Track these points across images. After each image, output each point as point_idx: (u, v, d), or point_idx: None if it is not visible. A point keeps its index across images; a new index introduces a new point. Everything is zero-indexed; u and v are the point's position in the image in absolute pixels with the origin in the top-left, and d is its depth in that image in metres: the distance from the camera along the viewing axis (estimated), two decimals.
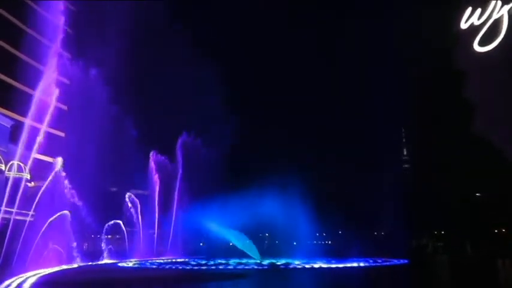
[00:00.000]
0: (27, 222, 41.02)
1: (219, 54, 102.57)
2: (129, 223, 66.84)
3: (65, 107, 68.27)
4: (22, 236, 39.00)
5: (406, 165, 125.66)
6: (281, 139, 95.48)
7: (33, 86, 75.18)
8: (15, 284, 25.93)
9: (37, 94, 44.27)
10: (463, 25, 62.45)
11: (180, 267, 46.67)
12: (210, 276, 36.71)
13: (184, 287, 29.22)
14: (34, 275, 32.06)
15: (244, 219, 63.56)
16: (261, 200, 63.83)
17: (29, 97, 74.12)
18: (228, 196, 65.09)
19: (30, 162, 43.82)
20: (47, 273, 35.03)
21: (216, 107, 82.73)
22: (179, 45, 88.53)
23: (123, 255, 62.07)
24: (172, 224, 73.25)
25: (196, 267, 46.39)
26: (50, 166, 47.12)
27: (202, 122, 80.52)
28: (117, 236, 64.97)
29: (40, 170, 50.87)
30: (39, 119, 44.14)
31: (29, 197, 43.61)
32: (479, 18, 55.97)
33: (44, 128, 42.64)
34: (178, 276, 36.93)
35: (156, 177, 72.16)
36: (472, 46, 63.17)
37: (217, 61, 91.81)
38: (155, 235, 72.00)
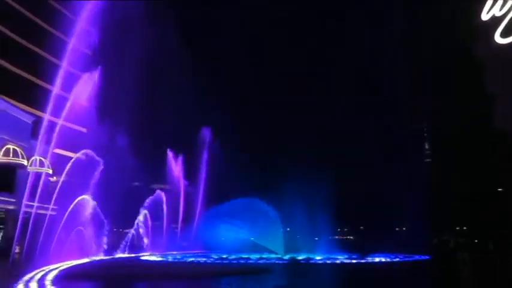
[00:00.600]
0: (50, 216, 41.39)
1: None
2: (152, 217, 67.30)
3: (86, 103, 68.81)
4: (44, 229, 39.34)
5: (428, 160, 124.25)
6: (302, 135, 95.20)
7: (53, 83, 76.41)
8: (38, 277, 26.05)
9: (72, 96, 44.49)
10: (484, 16, 61.46)
11: (202, 261, 46.77)
12: (234, 271, 36.54)
13: (208, 282, 28.98)
14: (57, 267, 32.24)
15: (265, 214, 63.52)
16: (282, 195, 63.89)
17: (50, 94, 75.35)
18: (250, 192, 65.20)
19: (49, 155, 44.02)
20: (69, 266, 35.22)
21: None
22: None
23: (146, 248, 62.48)
24: (196, 218, 73.62)
25: (218, 261, 46.44)
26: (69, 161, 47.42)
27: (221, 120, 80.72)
28: (140, 230, 65.29)
29: (62, 165, 51.21)
30: (60, 115, 44.37)
31: (51, 191, 43.96)
32: (501, 9, 54.92)
33: (60, 122, 42.72)
34: (201, 271, 36.85)
35: (179, 173, 72.68)
36: (494, 38, 62.18)
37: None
38: (178, 229, 72.51)
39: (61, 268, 32.51)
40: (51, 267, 32.16)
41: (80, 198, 43.09)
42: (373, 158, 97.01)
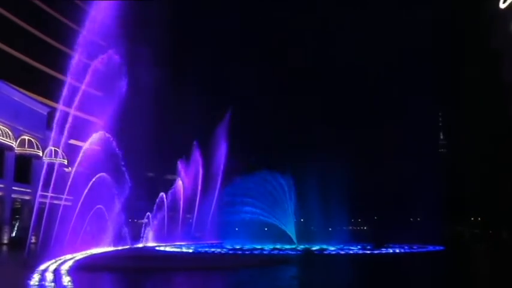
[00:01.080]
0: (65, 206, 41.67)
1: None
2: (167, 208, 67.75)
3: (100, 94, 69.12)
4: (58, 219, 39.63)
5: (442, 150, 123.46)
6: (317, 124, 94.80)
7: (68, 74, 76.54)
8: (53, 267, 26.25)
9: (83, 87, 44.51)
10: (502, 5, 60.73)
11: (217, 252, 46.93)
12: (251, 263, 36.57)
13: (229, 274, 28.89)
14: (71, 258, 32.51)
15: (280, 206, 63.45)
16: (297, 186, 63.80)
17: (65, 84, 75.61)
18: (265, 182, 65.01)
19: (61, 146, 44.14)
20: (85, 256, 35.50)
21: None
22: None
23: (160, 238, 62.84)
24: (212, 208, 73.83)
25: (231, 252, 46.55)
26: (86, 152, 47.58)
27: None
28: (155, 221, 65.70)
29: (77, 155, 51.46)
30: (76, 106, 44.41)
31: (66, 181, 44.18)
32: None
33: (72, 112, 42.75)
34: (218, 262, 36.82)
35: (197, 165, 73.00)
36: (511, 26, 61.43)
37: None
38: (193, 220, 72.88)
39: (76, 258, 32.80)
40: (66, 257, 32.44)
41: (99, 175, 42.98)
42: (387, 148, 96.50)
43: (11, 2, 65.89)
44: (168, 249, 51.81)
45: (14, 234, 61.73)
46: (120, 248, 48.94)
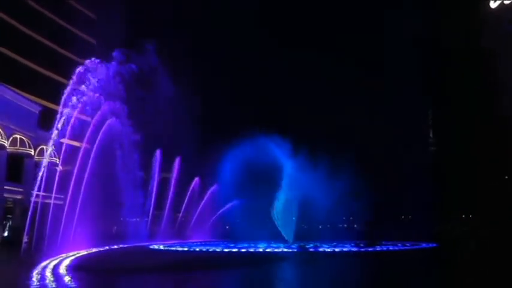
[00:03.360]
0: (58, 206, 41.51)
1: None
2: (157, 206, 67.60)
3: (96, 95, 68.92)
4: (49, 218, 39.50)
5: (432, 148, 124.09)
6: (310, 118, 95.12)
7: (60, 73, 76.25)
8: (51, 266, 26.15)
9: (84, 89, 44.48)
10: (493, 4, 61.08)
11: (211, 250, 46.89)
12: (248, 261, 36.57)
13: (225, 273, 28.84)
14: (66, 257, 32.38)
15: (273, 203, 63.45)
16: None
17: (57, 83, 75.26)
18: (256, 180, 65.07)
19: (51, 144, 44.01)
20: (78, 256, 35.33)
21: None
22: None
23: (151, 237, 62.65)
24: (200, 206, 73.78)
25: (226, 251, 46.53)
26: (78, 151, 47.40)
27: None
28: (146, 219, 65.57)
29: (69, 154, 51.27)
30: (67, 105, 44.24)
31: (58, 181, 43.99)
32: None
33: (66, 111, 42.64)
34: (214, 261, 36.80)
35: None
36: (502, 26, 61.86)
37: None
38: (182, 218, 72.78)
39: (71, 258, 32.67)
40: (61, 256, 32.32)
41: None
42: (378, 148, 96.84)
43: (3, 2, 65.59)
44: (161, 247, 51.68)
45: (5, 233, 61.22)
46: (112, 247, 48.70)
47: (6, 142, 59.04)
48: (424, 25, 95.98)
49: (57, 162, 52.22)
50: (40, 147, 63.95)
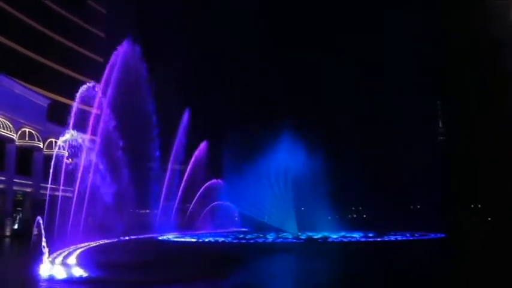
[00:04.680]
0: (68, 198, 41.71)
1: None
2: (166, 197, 67.77)
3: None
4: (58, 211, 39.68)
5: (441, 138, 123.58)
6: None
7: (68, 66, 76.46)
8: (59, 258, 26.33)
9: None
10: None
11: (220, 241, 47.00)
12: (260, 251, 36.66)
13: (235, 265, 28.72)
14: (77, 248, 32.57)
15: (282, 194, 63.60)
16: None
17: (65, 77, 75.50)
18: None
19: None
20: (87, 248, 35.56)
21: None
22: None
23: (161, 229, 62.87)
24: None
25: (235, 241, 46.67)
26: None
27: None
28: (155, 211, 65.85)
29: (78, 147, 51.41)
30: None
31: (67, 173, 44.15)
32: None
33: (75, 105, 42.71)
34: (225, 253, 36.82)
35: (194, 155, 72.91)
36: (511, 14, 61.24)
37: None
38: (192, 210, 73.04)
39: (81, 250, 32.90)
40: (71, 248, 32.52)
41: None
42: (387, 138, 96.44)
43: None
44: (171, 238, 51.90)
45: (16, 226, 61.74)
46: (122, 238, 48.89)
47: (15, 135, 59.37)
48: (430, 14, 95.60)
49: (66, 154, 52.59)
50: (49, 140, 64.30)
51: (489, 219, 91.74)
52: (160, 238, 52.60)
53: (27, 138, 62.09)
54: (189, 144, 72.15)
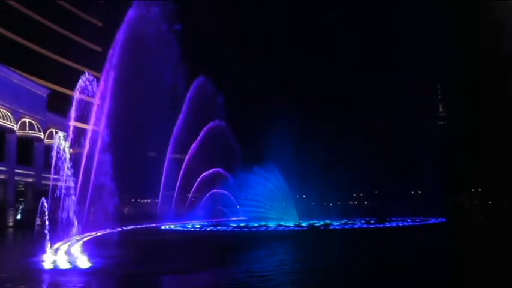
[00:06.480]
0: (69, 188, 41.75)
1: None
2: (167, 187, 67.83)
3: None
4: (62, 200, 39.72)
5: (442, 122, 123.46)
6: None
7: (68, 56, 76.24)
8: (64, 247, 26.42)
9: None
10: None
11: (221, 229, 47.13)
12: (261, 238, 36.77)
13: (235, 252, 28.80)
14: (81, 238, 32.66)
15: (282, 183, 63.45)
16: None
17: (64, 67, 75.37)
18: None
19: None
20: (90, 238, 35.67)
21: None
22: None
23: (163, 218, 62.98)
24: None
25: (237, 229, 46.80)
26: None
27: None
28: (156, 200, 65.96)
29: (79, 137, 51.44)
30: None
31: (69, 163, 44.14)
32: None
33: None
34: (226, 241, 36.94)
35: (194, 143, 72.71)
36: None
37: None
38: (192, 199, 73.09)
39: (85, 240, 33.00)
40: (74, 238, 32.60)
41: None
42: (387, 122, 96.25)
43: None
44: (173, 227, 52.05)
45: (18, 216, 61.96)
46: (124, 228, 49.01)
47: (15, 126, 59.36)
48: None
49: (67, 144, 52.54)
50: (49, 130, 64.31)
51: (490, 202, 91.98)
52: (162, 227, 52.73)
53: (27, 129, 62.09)
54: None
